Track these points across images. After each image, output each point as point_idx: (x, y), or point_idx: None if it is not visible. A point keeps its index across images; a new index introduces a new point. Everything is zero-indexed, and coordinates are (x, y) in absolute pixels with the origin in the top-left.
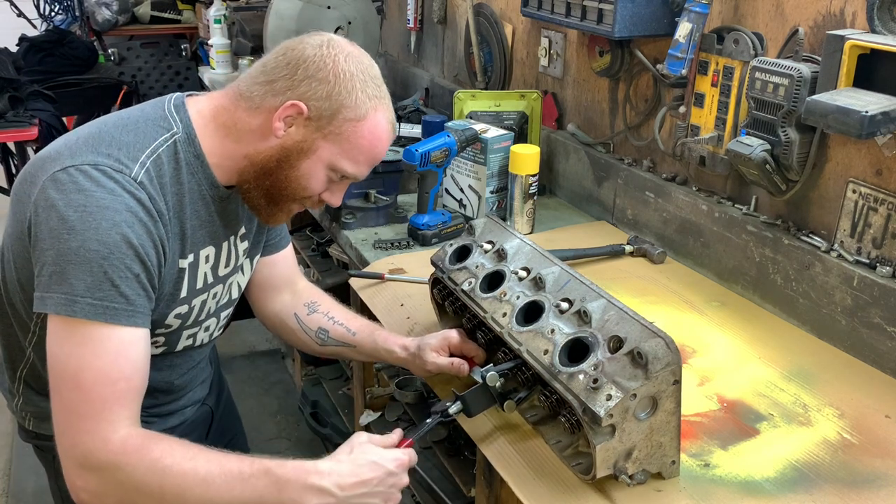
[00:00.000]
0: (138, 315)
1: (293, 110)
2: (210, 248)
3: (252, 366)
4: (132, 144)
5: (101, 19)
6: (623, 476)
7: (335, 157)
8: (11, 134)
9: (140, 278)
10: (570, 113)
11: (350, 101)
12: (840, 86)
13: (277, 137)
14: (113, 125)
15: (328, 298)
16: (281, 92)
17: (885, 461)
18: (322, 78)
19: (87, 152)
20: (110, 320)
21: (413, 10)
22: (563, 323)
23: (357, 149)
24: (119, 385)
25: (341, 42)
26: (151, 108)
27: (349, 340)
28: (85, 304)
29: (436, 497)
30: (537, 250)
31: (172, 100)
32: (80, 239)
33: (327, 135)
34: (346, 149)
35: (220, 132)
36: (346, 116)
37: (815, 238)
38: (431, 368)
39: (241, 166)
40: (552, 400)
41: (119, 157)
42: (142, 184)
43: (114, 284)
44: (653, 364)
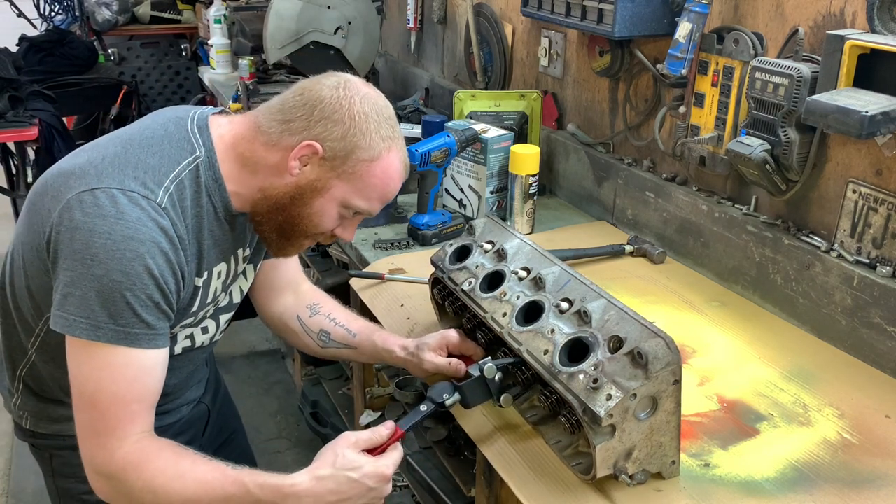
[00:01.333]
0: (159, 338)
1: (309, 150)
2: (222, 264)
3: (252, 366)
4: (157, 168)
5: (101, 19)
6: (623, 476)
7: (348, 195)
8: (11, 134)
9: (160, 305)
10: (570, 113)
11: (364, 141)
12: (840, 86)
13: (293, 175)
14: (139, 145)
15: (330, 300)
16: (297, 132)
17: (885, 461)
18: (338, 119)
19: (113, 174)
20: (131, 344)
21: (413, 10)
22: (563, 323)
23: (370, 187)
24: (132, 407)
25: (357, 83)
26: (175, 127)
27: (350, 342)
28: (108, 330)
29: (436, 497)
30: (537, 250)
31: (196, 120)
32: (104, 268)
33: (341, 174)
34: (359, 187)
35: (239, 161)
36: (360, 157)
37: (815, 238)
38: (429, 368)
39: (255, 198)
40: (552, 400)
41: (145, 180)
42: (165, 209)
43: (135, 313)
44: (653, 364)
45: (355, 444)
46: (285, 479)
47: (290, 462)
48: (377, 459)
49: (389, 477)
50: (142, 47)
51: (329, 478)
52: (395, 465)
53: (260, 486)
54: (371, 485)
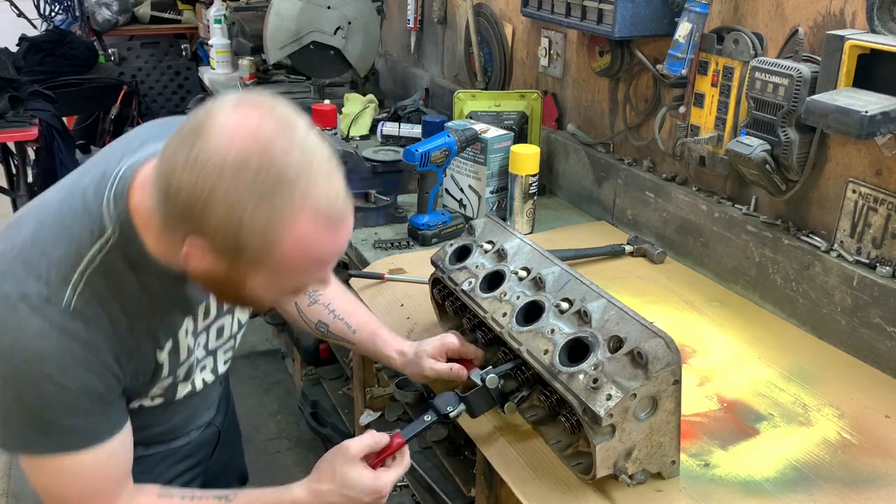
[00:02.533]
0: (103, 433)
1: (194, 250)
2: (187, 319)
3: (252, 366)
4: (63, 261)
5: (101, 19)
6: (623, 476)
7: (272, 282)
8: (11, 134)
9: (91, 409)
10: (570, 113)
11: (245, 233)
12: (840, 86)
13: (201, 270)
14: (48, 227)
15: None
16: (173, 227)
17: (885, 461)
18: (202, 211)
19: (16, 272)
20: (72, 450)
21: (413, 10)
22: (563, 323)
23: (290, 271)
24: (105, 494)
25: (211, 148)
26: (93, 194)
27: (348, 338)
28: (42, 444)
29: (436, 497)
30: (537, 250)
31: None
32: (15, 392)
33: (249, 266)
34: (278, 275)
35: (156, 241)
36: (255, 252)
37: (815, 238)
38: (429, 374)
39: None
40: (552, 400)
41: (49, 278)
42: (75, 311)
43: (63, 426)
44: (653, 364)
45: (355, 453)
46: (284, 494)
47: (289, 462)
48: (377, 475)
49: (386, 493)
50: (142, 47)
51: (328, 492)
52: (396, 479)
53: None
54: (367, 501)
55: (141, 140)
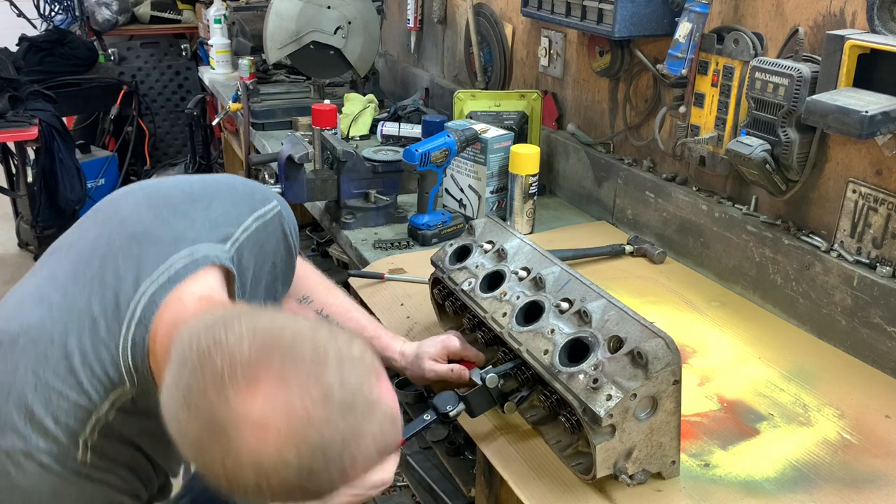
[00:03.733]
0: None
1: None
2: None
3: None
4: (70, 413)
5: (101, 19)
6: (623, 476)
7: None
8: (11, 134)
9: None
10: (570, 113)
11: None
12: (840, 86)
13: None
14: (53, 369)
15: (321, 289)
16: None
17: (885, 461)
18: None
19: (16, 423)
20: None
21: (413, 10)
22: (563, 323)
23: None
24: None
25: (245, 450)
26: (107, 332)
27: None
28: None
29: (436, 497)
30: (537, 250)
31: (133, 328)
32: None
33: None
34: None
35: None
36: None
37: (815, 238)
38: (430, 377)
39: None
40: (552, 400)
41: (57, 435)
42: (92, 466)
43: None
44: (653, 364)
45: None
46: None
47: None
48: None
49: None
50: (142, 47)
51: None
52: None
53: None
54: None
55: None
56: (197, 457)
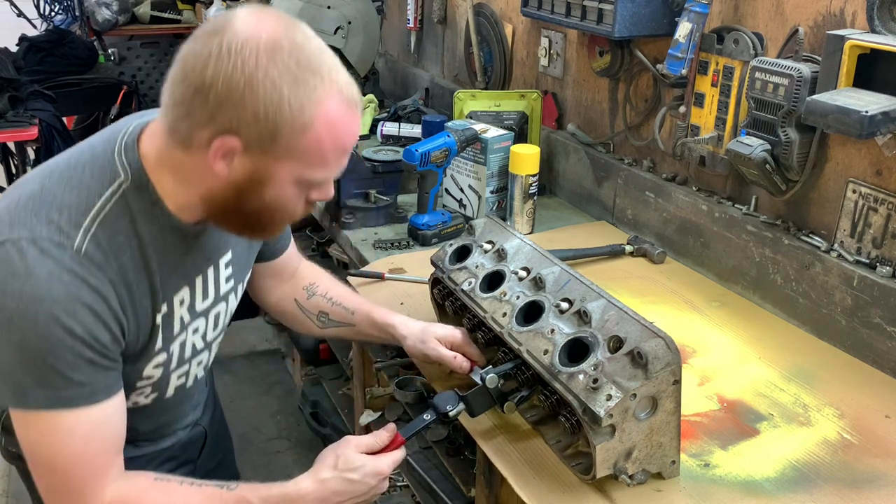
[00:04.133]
0: (99, 392)
1: (224, 147)
2: (184, 289)
3: (252, 366)
4: (74, 206)
5: (101, 19)
6: (623, 476)
7: (300, 172)
8: (11, 134)
9: (94, 361)
10: (570, 113)
11: (284, 113)
12: (840, 86)
13: (224, 176)
14: (57, 178)
15: (326, 278)
16: (202, 125)
17: (885, 461)
18: (239, 100)
19: (25, 220)
20: (69, 406)
21: (413, 10)
22: (563, 323)
23: (320, 155)
24: (97, 462)
25: (242, 36)
26: (102, 148)
27: (348, 320)
28: (37, 397)
29: (436, 497)
30: (537, 250)
31: (125, 137)
32: (20, 334)
33: (278, 156)
34: (307, 161)
35: (169, 176)
36: (290, 132)
37: (815, 238)
38: (432, 355)
39: (202, 207)
40: (552, 400)
41: (60, 223)
42: (87, 254)
43: (64, 376)
44: (653, 364)
45: (356, 447)
46: (289, 486)
47: (290, 462)
48: (376, 458)
49: (387, 475)
50: (142, 47)
51: (331, 479)
52: (394, 463)
53: (264, 499)
54: (372, 483)
55: (141, 114)
56: (197, 56)
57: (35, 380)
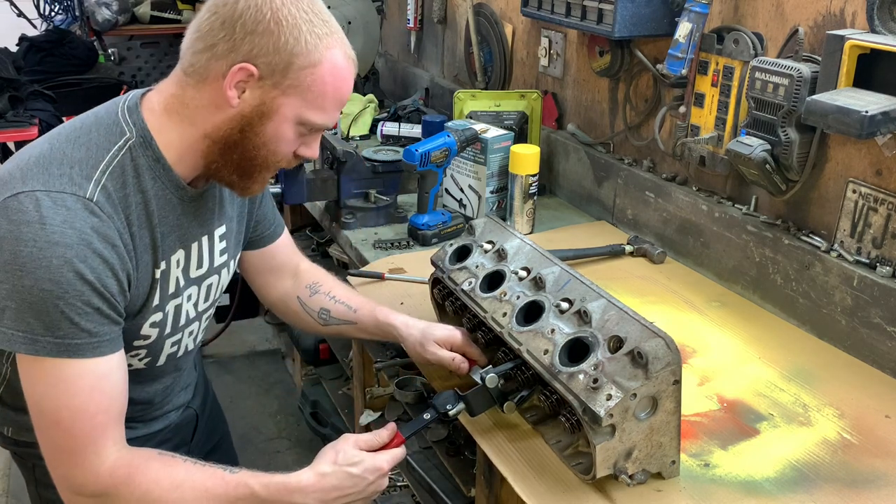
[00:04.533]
0: (104, 344)
1: (242, 74)
2: (180, 251)
3: (252, 366)
4: (84, 160)
5: (101, 19)
6: (623, 476)
7: (301, 111)
8: (11, 134)
9: (101, 310)
10: (570, 113)
11: (300, 47)
12: (840, 86)
13: (233, 106)
14: (65, 138)
15: (329, 278)
16: (223, 56)
17: (885, 461)
18: (263, 30)
19: (37, 174)
20: (76, 355)
21: (413, 10)
22: (564, 323)
23: (321, 96)
24: (98, 418)
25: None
26: (105, 112)
27: (350, 317)
28: (46, 343)
29: (436, 497)
30: (537, 250)
31: (127, 101)
32: (33, 278)
33: (286, 89)
34: (309, 99)
35: (174, 121)
36: (301, 65)
37: (815, 238)
38: (431, 358)
39: (202, 148)
40: (552, 400)
41: (71, 175)
42: (98, 204)
43: (73, 322)
44: (653, 364)
45: (355, 443)
46: (290, 477)
47: (290, 462)
48: (375, 455)
49: (387, 471)
50: (142, 47)
51: (331, 474)
52: (394, 460)
53: (265, 485)
54: (371, 479)
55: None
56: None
57: (45, 325)
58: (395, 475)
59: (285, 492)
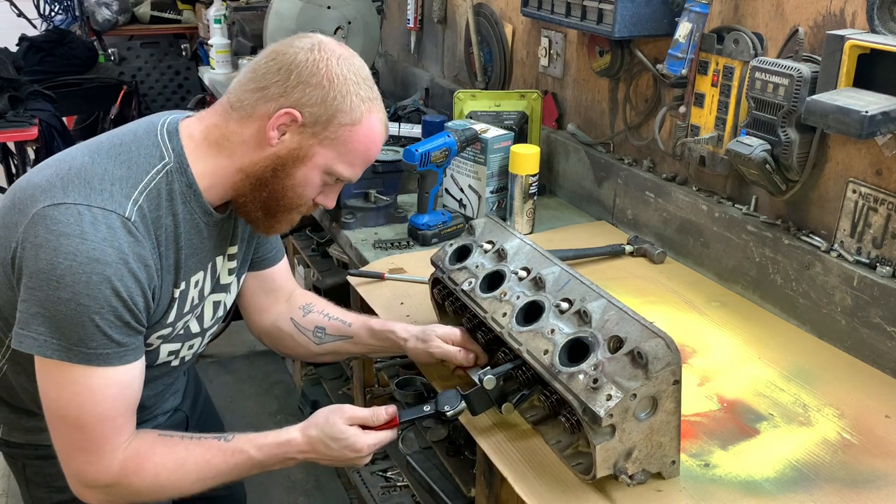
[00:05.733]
0: (129, 353)
1: (287, 118)
2: (200, 272)
3: (252, 366)
4: (125, 179)
5: (101, 19)
6: (623, 476)
7: (331, 162)
8: (11, 134)
9: (130, 323)
10: (570, 113)
11: (345, 105)
12: (840, 86)
13: (272, 146)
14: (106, 154)
15: (322, 300)
16: (273, 98)
17: (885, 461)
18: (316, 83)
19: (79, 187)
20: (104, 364)
21: (413, 10)
22: (564, 323)
23: (353, 153)
24: (118, 421)
25: (331, 44)
26: (145, 132)
27: (346, 332)
28: (79, 353)
29: (436, 497)
30: (537, 250)
31: (166, 124)
32: (71, 291)
33: (323, 140)
34: (342, 153)
35: (212, 150)
36: (342, 121)
37: (815, 238)
38: (436, 353)
39: (235, 181)
40: (552, 400)
41: (112, 192)
42: (135, 224)
43: (105, 334)
44: (653, 364)
45: (349, 419)
46: (281, 434)
47: None
48: (360, 434)
49: (366, 453)
50: (142, 47)
51: (315, 439)
52: (378, 443)
53: (259, 447)
54: (350, 455)
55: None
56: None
57: (79, 336)
58: (394, 475)
59: (279, 451)
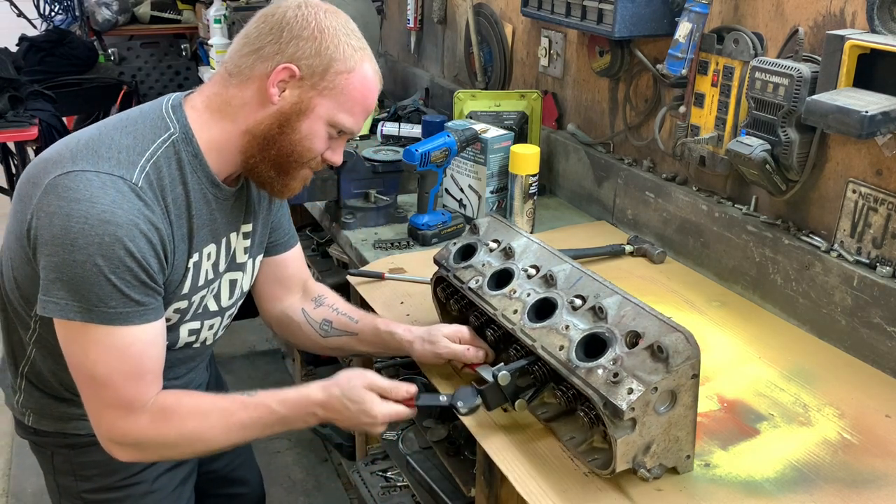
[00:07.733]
0: (150, 312)
1: (286, 73)
2: (212, 245)
3: (252, 366)
4: (131, 147)
5: (101, 19)
6: (642, 470)
7: (333, 112)
8: (11, 134)
9: (147, 283)
10: (570, 113)
11: (339, 53)
12: (840, 86)
13: (274, 103)
14: (113, 127)
15: (334, 294)
16: (269, 57)
17: (885, 461)
18: (308, 36)
19: (87, 156)
20: (126, 322)
21: (413, 10)
22: (578, 319)
23: (352, 101)
24: (147, 378)
25: (313, 2)
26: (150, 108)
27: (351, 328)
28: (101, 312)
29: (436, 497)
30: (546, 248)
31: (171, 100)
32: (85, 253)
33: (322, 90)
34: (341, 101)
35: (216, 118)
36: (338, 69)
37: (815, 238)
38: (444, 353)
39: (242, 143)
40: (568, 395)
41: (119, 159)
42: (141, 189)
43: (124, 294)
44: (673, 358)
45: (369, 385)
46: (301, 390)
47: (290, 462)
48: (378, 402)
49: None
50: (142, 47)
51: (334, 397)
52: (393, 414)
53: (281, 402)
54: (365, 420)
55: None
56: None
57: (99, 297)
58: (395, 475)
59: (301, 405)
